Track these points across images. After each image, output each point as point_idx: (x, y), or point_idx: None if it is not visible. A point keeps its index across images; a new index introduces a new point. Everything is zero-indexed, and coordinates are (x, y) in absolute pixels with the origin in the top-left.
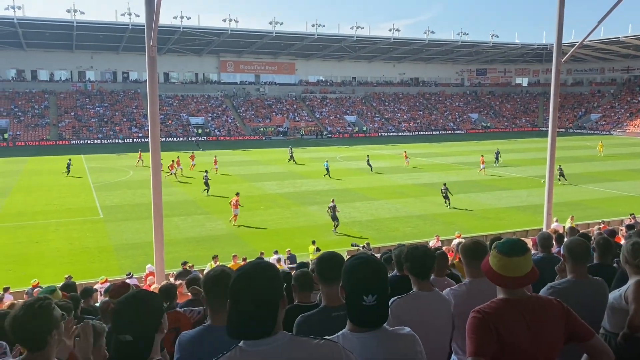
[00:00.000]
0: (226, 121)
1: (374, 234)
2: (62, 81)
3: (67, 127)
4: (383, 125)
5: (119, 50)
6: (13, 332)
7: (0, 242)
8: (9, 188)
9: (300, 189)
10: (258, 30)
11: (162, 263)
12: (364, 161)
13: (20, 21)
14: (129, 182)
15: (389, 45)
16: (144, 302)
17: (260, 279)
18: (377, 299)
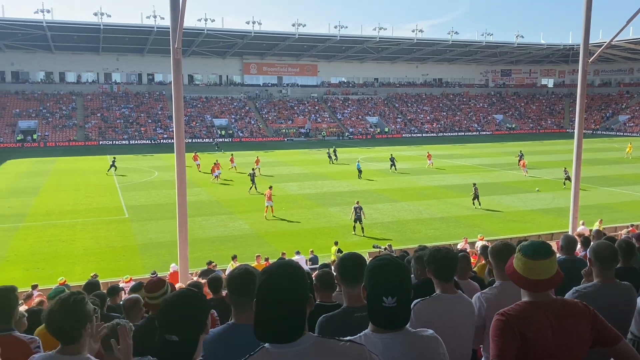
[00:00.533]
0: (249, 123)
1: (396, 236)
2: (89, 83)
3: (94, 128)
4: (405, 126)
5: (144, 53)
6: (49, 325)
7: (30, 241)
8: (38, 188)
9: (321, 190)
10: (281, 33)
11: (186, 262)
12: (386, 162)
13: (49, 24)
14: (154, 182)
15: (412, 46)
16: (192, 301)
17: (289, 280)
18: (397, 300)
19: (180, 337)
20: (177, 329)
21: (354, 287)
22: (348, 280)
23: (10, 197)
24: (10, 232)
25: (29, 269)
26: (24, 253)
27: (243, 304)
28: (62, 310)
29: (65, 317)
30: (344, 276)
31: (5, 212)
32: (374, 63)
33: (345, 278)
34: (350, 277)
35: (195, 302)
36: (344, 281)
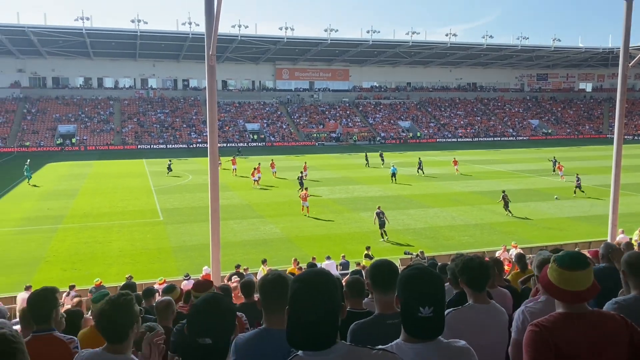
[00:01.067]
0: (280, 127)
1: (429, 242)
2: (126, 88)
3: (130, 133)
4: (439, 131)
5: (179, 59)
6: (99, 324)
7: (68, 242)
8: (76, 190)
9: (352, 195)
10: (313, 38)
11: (218, 265)
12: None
13: (88, 31)
14: (188, 185)
15: (445, 50)
16: (221, 304)
17: (321, 288)
18: (433, 310)
19: (214, 339)
20: (210, 332)
21: (386, 294)
22: (381, 287)
23: (50, 199)
24: (50, 233)
25: (67, 270)
26: (62, 254)
27: (275, 309)
28: (112, 309)
29: (115, 316)
30: (376, 283)
31: (45, 214)
32: (406, 67)
33: (378, 285)
34: (383, 284)
35: (225, 304)
36: (376, 288)
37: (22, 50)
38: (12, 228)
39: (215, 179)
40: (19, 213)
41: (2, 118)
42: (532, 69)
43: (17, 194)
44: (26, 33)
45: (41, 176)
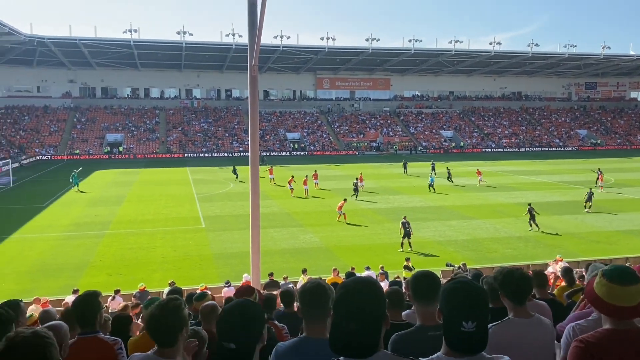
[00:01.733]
0: (321, 136)
1: (471, 254)
2: (171, 98)
3: (175, 141)
4: (482, 140)
5: (223, 69)
6: (150, 328)
7: (114, 248)
8: (122, 197)
9: (392, 205)
10: (354, 48)
11: (258, 273)
12: (462, 178)
13: (136, 43)
14: (230, 194)
15: (489, 59)
16: (249, 311)
17: (366, 296)
18: (476, 325)
19: (237, 345)
20: (235, 337)
21: (428, 305)
22: (422, 298)
23: (98, 205)
24: (97, 239)
25: (112, 274)
26: (108, 259)
27: (315, 318)
28: (163, 313)
29: (164, 320)
30: (418, 295)
31: (93, 220)
32: (449, 76)
33: (420, 297)
34: (425, 296)
35: (254, 312)
36: (417, 299)
37: (73, 62)
38: (61, 233)
39: (256, 188)
40: (68, 219)
41: (54, 127)
42: (580, 78)
43: (67, 200)
44: (77, 45)
45: (89, 183)
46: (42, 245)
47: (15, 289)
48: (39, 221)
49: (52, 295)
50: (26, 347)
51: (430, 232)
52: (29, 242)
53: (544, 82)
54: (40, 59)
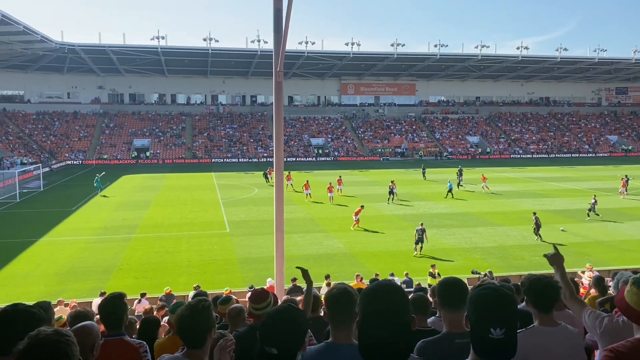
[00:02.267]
0: (345, 142)
1: (498, 261)
2: (197, 104)
3: (200, 147)
4: (509, 146)
5: (248, 75)
6: (180, 329)
7: (140, 251)
8: (149, 201)
9: (417, 211)
10: (379, 53)
11: (282, 278)
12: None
13: (163, 50)
14: (254, 199)
15: (516, 64)
16: (295, 317)
17: (394, 301)
18: (505, 332)
19: (279, 350)
20: (277, 343)
21: (454, 312)
22: (449, 305)
23: (125, 209)
24: (124, 242)
25: (138, 278)
26: (135, 262)
27: (341, 323)
28: (192, 315)
29: (194, 322)
30: (445, 301)
31: (120, 224)
32: (475, 81)
33: (447, 303)
34: (452, 302)
35: (298, 318)
36: (444, 306)
37: (102, 69)
38: (90, 236)
39: (281, 193)
40: (97, 222)
41: (84, 132)
42: (611, 83)
43: (95, 204)
44: (106, 52)
45: (117, 188)
46: (71, 248)
47: (45, 291)
48: (68, 224)
49: (81, 298)
50: (47, 345)
51: (456, 239)
52: (59, 245)
53: (573, 87)
54: (70, 66)
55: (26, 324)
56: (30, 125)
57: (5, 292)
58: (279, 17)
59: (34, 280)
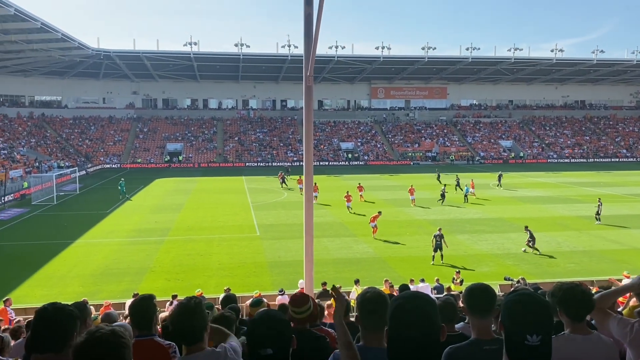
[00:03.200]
0: (375, 146)
1: (531, 268)
2: (228, 109)
3: (231, 151)
4: (543, 151)
5: (278, 80)
6: (174, 329)
7: (172, 254)
8: (181, 205)
9: (448, 216)
10: (410, 57)
11: (311, 282)
12: (521, 189)
13: (195, 55)
14: (284, 203)
15: (550, 67)
16: (280, 317)
17: (422, 309)
18: (541, 339)
19: (274, 350)
20: (271, 343)
21: (483, 318)
22: (477, 311)
23: (158, 212)
24: (157, 244)
25: (170, 280)
26: (167, 265)
27: (373, 327)
28: (184, 313)
29: (188, 320)
30: (472, 307)
31: (153, 227)
32: (508, 85)
33: (475, 309)
34: (480, 308)
35: (280, 317)
36: (472, 312)
37: (136, 74)
38: (123, 239)
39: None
40: (131, 225)
41: (118, 137)
42: None
43: (129, 207)
44: (141, 58)
45: (150, 191)
46: (105, 250)
47: (80, 292)
48: (103, 227)
49: (115, 299)
50: (104, 343)
51: (488, 245)
52: (94, 247)
53: (610, 90)
54: (106, 72)
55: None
56: (67, 130)
57: (43, 292)
58: (310, 22)
59: (70, 280)
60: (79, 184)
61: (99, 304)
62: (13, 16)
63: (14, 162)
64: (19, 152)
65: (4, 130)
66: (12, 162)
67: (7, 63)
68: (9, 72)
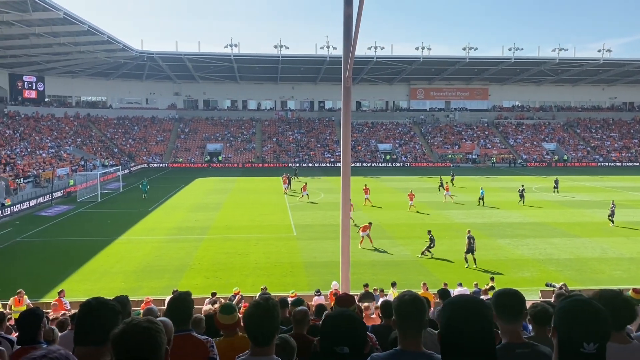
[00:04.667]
0: (413, 147)
1: (574, 274)
2: (267, 110)
3: (269, 152)
4: (588, 154)
5: (316, 81)
6: (248, 327)
7: (211, 252)
8: (220, 204)
9: (489, 220)
10: (450, 57)
11: (347, 283)
12: (565, 193)
13: (236, 57)
14: (321, 203)
15: (597, 67)
16: (356, 317)
17: (480, 313)
18: (597, 347)
19: (351, 348)
20: (347, 341)
21: (514, 323)
22: (508, 316)
23: (198, 211)
24: (196, 242)
25: (209, 278)
26: (206, 262)
27: (412, 331)
28: (259, 313)
29: (263, 320)
30: (504, 312)
31: (193, 225)
32: (552, 86)
33: (505, 314)
34: (511, 314)
35: (356, 317)
36: (503, 317)
37: (178, 75)
38: (165, 236)
39: (347, 198)
40: (172, 222)
41: (161, 137)
42: None
43: (171, 205)
44: (183, 60)
45: (190, 190)
46: (147, 247)
47: (123, 287)
48: (144, 224)
49: (155, 295)
50: (141, 330)
51: (530, 250)
52: (136, 244)
53: None
54: (149, 73)
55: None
56: (111, 130)
57: (87, 287)
58: (349, 24)
59: (112, 276)
60: (122, 182)
61: (140, 299)
62: (62, 19)
63: (60, 160)
64: (66, 150)
65: (52, 130)
66: (59, 160)
67: (56, 65)
68: (57, 74)
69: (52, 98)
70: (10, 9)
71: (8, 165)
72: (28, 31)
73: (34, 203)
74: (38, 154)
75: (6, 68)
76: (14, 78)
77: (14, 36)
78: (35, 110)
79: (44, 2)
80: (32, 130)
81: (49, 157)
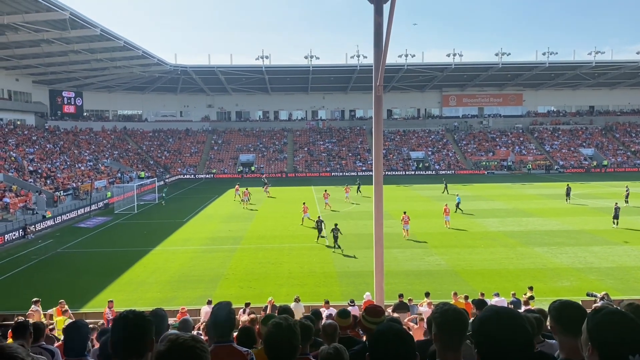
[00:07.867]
0: (446, 155)
1: (616, 284)
2: (298, 120)
3: (301, 161)
4: (628, 159)
5: (347, 90)
6: (267, 348)
7: (245, 261)
8: (253, 214)
9: (526, 228)
10: (483, 63)
11: (382, 293)
12: (603, 200)
13: (267, 69)
14: (352, 212)
15: (636, 70)
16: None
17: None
18: None
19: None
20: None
21: (575, 337)
22: (569, 330)
23: (231, 221)
24: (230, 252)
25: (243, 287)
26: (240, 272)
27: (452, 345)
28: (279, 332)
29: (283, 338)
30: (568, 326)
31: (227, 235)
32: (588, 90)
33: (569, 328)
34: (573, 327)
35: (406, 334)
36: (566, 332)
37: (211, 88)
38: (199, 246)
39: (380, 207)
40: (206, 233)
41: (195, 148)
42: None
43: (205, 216)
44: (215, 73)
45: (224, 200)
46: (182, 257)
47: (159, 297)
48: (179, 235)
49: (190, 305)
50: (187, 349)
51: (569, 258)
52: (171, 254)
53: None
54: (183, 87)
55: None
56: (147, 142)
57: (124, 297)
58: (379, 32)
59: (148, 286)
60: (157, 194)
61: (176, 309)
62: (99, 36)
63: (98, 173)
64: (103, 163)
65: (90, 143)
66: (97, 173)
67: (94, 80)
68: (95, 89)
69: (90, 112)
70: (51, 27)
71: (49, 178)
72: (67, 48)
73: (73, 215)
74: (77, 167)
75: (47, 84)
76: (54, 94)
77: (54, 54)
78: (74, 124)
79: (82, 20)
80: (71, 144)
81: (87, 170)
